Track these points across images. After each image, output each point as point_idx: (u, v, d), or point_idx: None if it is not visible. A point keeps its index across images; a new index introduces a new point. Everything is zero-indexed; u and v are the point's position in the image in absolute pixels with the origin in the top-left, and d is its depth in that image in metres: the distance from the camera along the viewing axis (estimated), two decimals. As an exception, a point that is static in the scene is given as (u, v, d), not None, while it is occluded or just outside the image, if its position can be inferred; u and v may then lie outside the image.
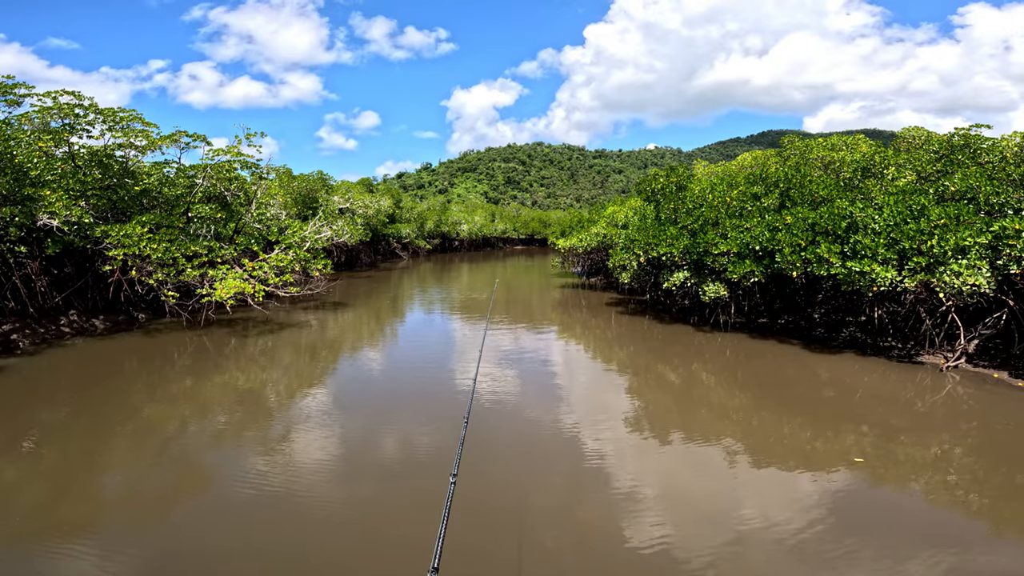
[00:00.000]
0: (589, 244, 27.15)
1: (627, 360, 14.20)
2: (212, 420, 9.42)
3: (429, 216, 60.49)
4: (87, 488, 6.78)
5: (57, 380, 11.47)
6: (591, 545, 5.68)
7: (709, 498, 6.73)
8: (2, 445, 7.90)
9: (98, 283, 16.78)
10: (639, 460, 7.83)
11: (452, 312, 22.69)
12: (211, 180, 19.90)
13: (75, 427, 8.88)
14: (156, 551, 5.42)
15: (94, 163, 17.64)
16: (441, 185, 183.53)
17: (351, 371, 13.30)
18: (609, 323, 19.05)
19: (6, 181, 13.99)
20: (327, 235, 23.75)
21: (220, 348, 14.65)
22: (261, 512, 6.15)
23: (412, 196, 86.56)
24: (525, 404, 10.21)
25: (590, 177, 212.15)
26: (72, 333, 14.91)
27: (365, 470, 7.37)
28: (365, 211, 38.04)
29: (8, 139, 14.48)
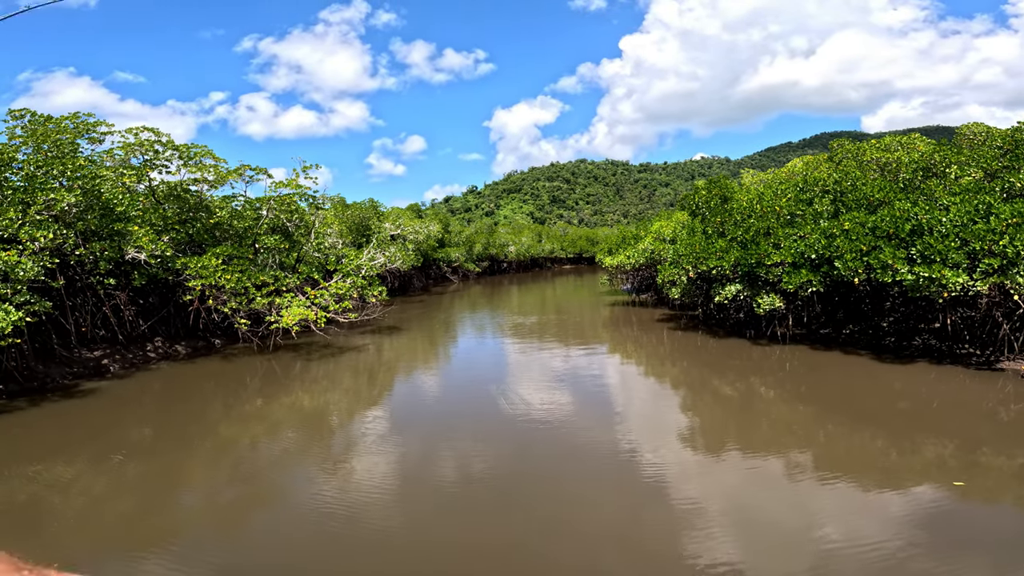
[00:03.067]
0: (637, 261, 26.94)
1: (681, 376, 13.98)
2: (280, 439, 10.01)
3: (477, 239, 61.62)
4: (167, 502, 7.29)
5: (143, 401, 12.51)
6: (658, 571, 5.43)
7: (782, 518, 6.32)
8: (93, 460, 8.70)
9: (179, 312, 18.17)
10: (702, 479, 7.54)
11: (502, 335, 22.97)
12: (274, 212, 21.21)
13: (159, 444, 9.67)
14: (226, 564, 5.71)
15: (172, 197, 19.22)
16: (487, 207, 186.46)
17: (407, 392, 13.78)
18: (661, 339, 18.82)
19: (95, 217, 15.30)
20: (380, 262, 24.69)
21: (287, 371, 15.50)
22: (323, 529, 6.37)
23: (460, 220, 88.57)
24: (580, 425, 10.20)
25: (636, 192, 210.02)
26: (157, 358, 16.23)
27: (420, 491, 7.44)
28: (415, 236, 39.28)
29: (95, 177, 15.64)
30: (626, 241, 30.97)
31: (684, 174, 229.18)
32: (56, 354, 13.64)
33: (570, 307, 32.86)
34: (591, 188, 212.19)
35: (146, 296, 17.37)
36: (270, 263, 20.05)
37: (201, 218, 19.41)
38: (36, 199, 13.58)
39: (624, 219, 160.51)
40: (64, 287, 14.34)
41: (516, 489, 7.36)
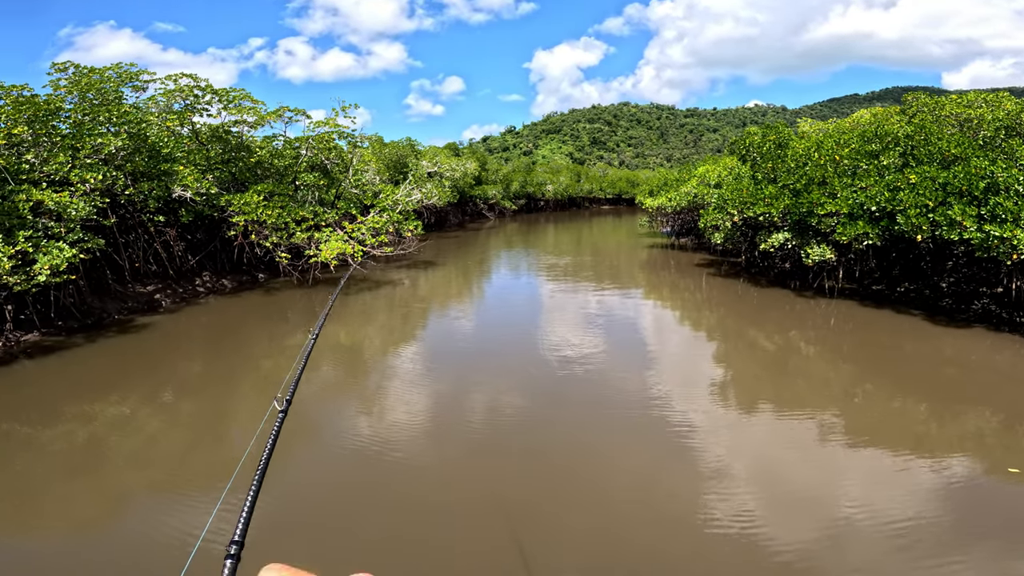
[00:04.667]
0: (679, 204, 25.71)
1: (718, 325, 13.40)
2: (318, 375, 10.16)
3: (514, 177, 60.12)
4: (213, 440, 7.53)
5: (193, 335, 12.94)
6: (669, 525, 5.33)
7: (805, 480, 6.10)
8: (146, 397, 9.01)
9: (225, 247, 18.61)
10: (729, 433, 7.30)
11: (536, 273, 22.62)
12: (313, 150, 21.23)
13: (206, 380, 10.01)
14: (264, 501, 5.91)
15: (215, 139, 19.36)
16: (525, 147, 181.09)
17: (439, 329, 13.76)
18: (699, 285, 18.03)
19: (142, 159, 15.57)
20: (417, 198, 24.43)
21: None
22: (356, 466, 6.50)
23: (497, 159, 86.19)
24: (610, 370, 9.93)
25: (681, 136, 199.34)
26: (205, 292, 16.75)
27: (446, 432, 7.46)
28: (452, 174, 38.49)
29: (141, 122, 15.96)
30: (668, 184, 29.49)
31: (735, 121, 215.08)
32: (111, 290, 14.15)
33: (607, 247, 31.94)
34: (633, 131, 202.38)
35: (194, 232, 17.72)
36: (309, 199, 20.08)
37: (243, 158, 19.47)
38: (84, 144, 13.80)
39: (667, 163, 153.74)
40: (116, 225, 14.71)
41: (539, 434, 7.26)
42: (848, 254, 14.59)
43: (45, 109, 13.40)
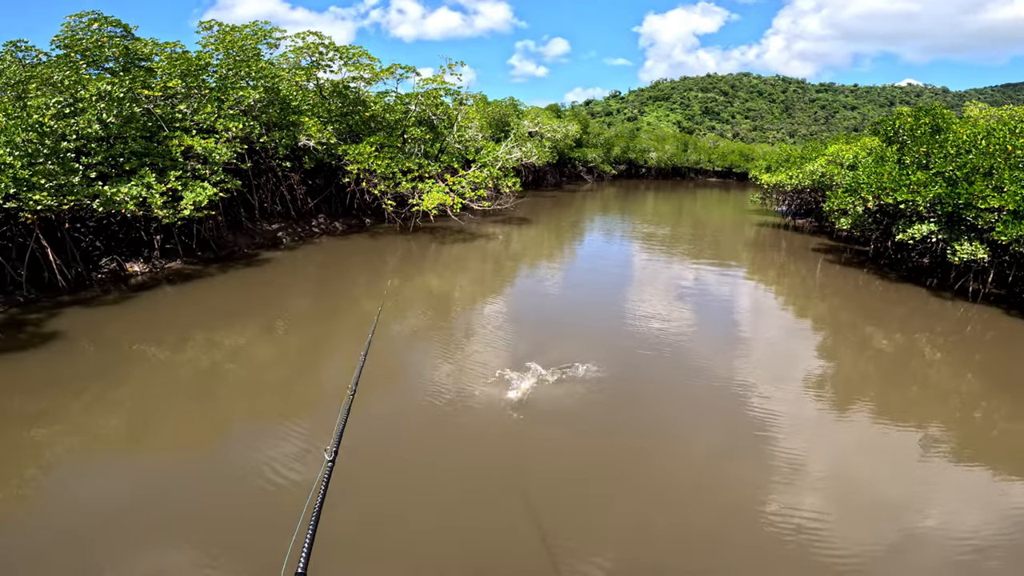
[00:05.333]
0: (801, 182, 23.16)
1: (828, 315, 12.14)
2: (409, 318, 10.67)
3: (616, 142, 57.71)
4: (310, 374, 8.12)
5: (307, 272, 14.08)
6: (727, 518, 5.03)
7: (883, 488, 5.60)
8: (261, 328, 9.94)
9: (339, 192, 20.04)
10: (814, 430, 6.76)
11: (630, 240, 21.82)
12: (421, 106, 21.95)
13: (313, 315, 10.86)
14: (348, 438, 6.25)
15: (335, 94, 20.53)
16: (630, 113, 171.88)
17: (528, 285, 13.83)
18: (812, 271, 16.34)
19: (275, 111, 16.90)
20: (517, 156, 24.33)
21: (423, 251, 16.49)
22: (427, 421, 6.67)
23: (599, 122, 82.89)
24: (696, 349, 9.41)
25: (810, 112, 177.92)
26: (320, 232, 18.19)
27: (524, 390, 7.33)
28: (553, 135, 37.80)
29: (274, 76, 17.25)
30: (791, 160, 26.59)
31: (880, 99, 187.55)
32: (243, 226, 15.78)
33: (710, 221, 29.78)
34: (753, 103, 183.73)
35: (313, 178, 19.18)
36: (415, 152, 20.86)
37: (359, 111, 20.57)
38: (228, 97, 15.23)
39: (790, 138, 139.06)
40: (251, 169, 16.21)
41: (611, 409, 7.05)
42: (1004, 256, 12.42)
43: (196, 64, 14.80)
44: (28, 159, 10.13)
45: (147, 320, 9.75)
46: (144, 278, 12.04)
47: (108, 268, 11.92)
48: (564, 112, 57.38)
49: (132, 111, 12.72)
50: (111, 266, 11.99)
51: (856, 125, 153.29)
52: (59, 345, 8.25)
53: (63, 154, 11.03)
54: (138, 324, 9.47)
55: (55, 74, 12.71)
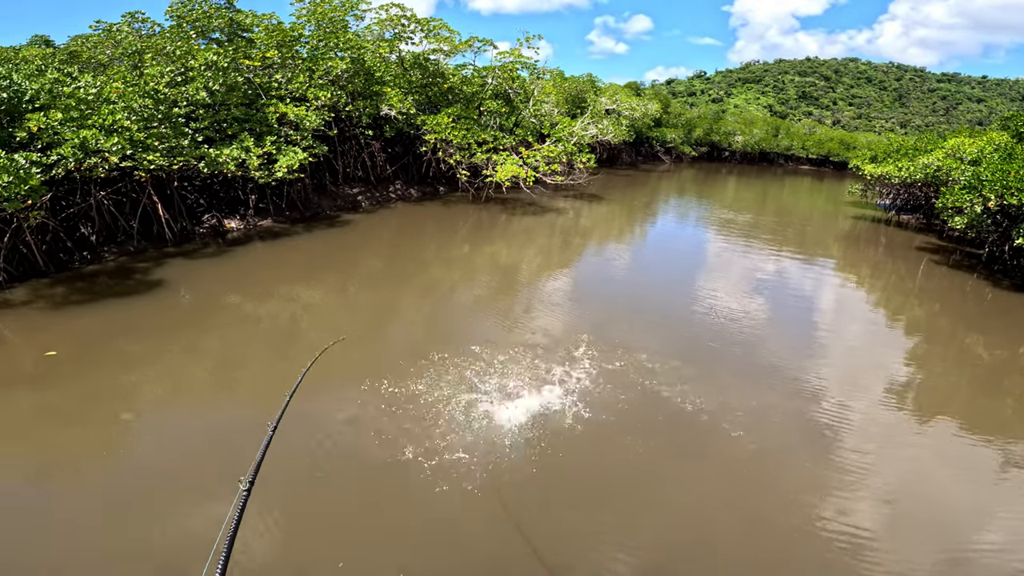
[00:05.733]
0: (911, 175, 20.58)
1: (924, 320, 10.82)
2: (474, 286, 10.66)
3: (699, 123, 54.58)
4: (376, 334, 8.25)
5: (382, 235, 14.50)
6: (780, 523, 4.70)
7: (952, 506, 5.07)
8: (335, 287, 10.30)
9: (415, 161, 20.53)
10: (887, 442, 6.05)
11: (706, 225, 20.55)
12: (498, 79, 21.78)
13: (384, 278, 11.12)
14: (390, 396, 6.33)
15: (416, 66, 20.81)
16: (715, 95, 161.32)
17: (595, 263, 13.41)
18: (913, 271, 14.56)
19: (360, 81, 17.41)
20: (592, 133, 23.67)
21: (493, 221, 16.47)
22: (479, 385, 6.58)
23: (681, 102, 78.61)
24: (767, 345, 8.63)
25: (927, 103, 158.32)
26: (396, 198, 18.75)
27: (576, 373, 7.01)
28: (631, 113, 36.25)
29: (360, 48, 17.69)
30: (902, 151, 23.75)
31: (1012, 93, 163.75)
32: (327, 190, 16.54)
33: (798, 211, 27.20)
34: (859, 90, 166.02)
35: (393, 146, 19.77)
36: (491, 124, 20.88)
37: (437, 83, 20.77)
38: (318, 67, 15.88)
39: (900, 128, 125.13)
40: (336, 136, 16.88)
41: (667, 403, 6.50)
42: None
43: (290, 36, 15.49)
44: (144, 123, 11.06)
45: (239, 273, 10.44)
46: (239, 234, 12.92)
47: (209, 224, 12.92)
48: (644, 90, 54.99)
49: (235, 80, 13.56)
50: (211, 222, 12.98)
51: (981, 119, 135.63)
52: (162, 292, 9.01)
53: (175, 119, 11.96)
54: (231, 276, 10.16)
55: (168, 44, 13.78)
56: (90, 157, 9.93)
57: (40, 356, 6.62)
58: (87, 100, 10.40)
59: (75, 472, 4.83)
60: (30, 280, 9.01)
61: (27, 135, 9.54)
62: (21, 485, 4.66)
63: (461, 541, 4.27)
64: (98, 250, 10.68)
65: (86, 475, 4.79)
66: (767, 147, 63.11)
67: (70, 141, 9.57)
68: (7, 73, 9.90)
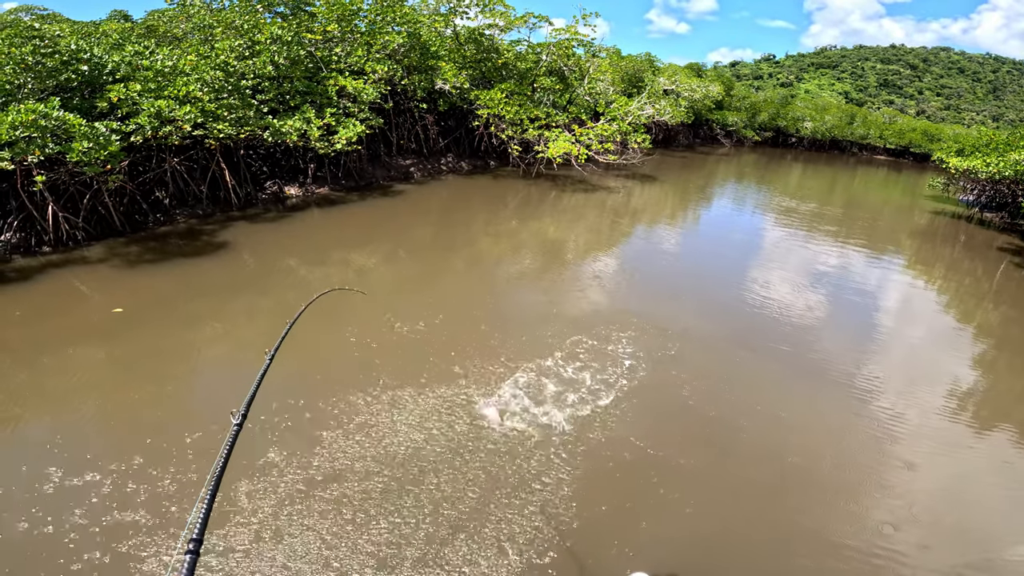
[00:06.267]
0: (1000, 171, 18.64)
1: (997, 325, 9.78)
2: (519, 261, 10.53)
3: (764, 107, 51.30)
4: (419, 300, 8.15)
5: (431, 206, 14.56)
6: (807, 525, 4.42)
7: (989, 511, 4.69)
8: (386, 255, 10.38)
9: (468, 135, 20.49)
10: (936, 449, 5.52)
11: (764, 212, 19.30)
12: (552, 56, 21.35)
13: (433, 247, 11.14)
14: (412, 371, 6.24)
15: (470, 40, 20.60)
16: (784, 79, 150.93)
17: (644, 244, 12.93)
18: (991, 272, 13.17)
19: (415, 55, 17.43)
20: (649, 113, 22.73)
21: (542, 197, 16.20)
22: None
23: (746, 86, 74.16)
24: (821, 336, 8.04)
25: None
26: (447, 171, 18.83)
27: (615, 354, 6.75)
28: (691, 94, 34.50)
29: (416, 22, 17.71)
30: (992, 145, 21.49)
31: None
32: (382, 160, 16.80)
33: (870, 203, 24.91)
34: (949, 80, 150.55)
35: (446, 119, 19.82)
36: (544, 101, 20.47)
37: (492, 58, 20.52)
38: (375, 41, 15.98)
39: (992, 122, 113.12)
40: (392, 109, 17.03)
41: (704, 396, 6.10)
42: None
43: (349, 10, 15.61)
44: (214, 94, 11.52)
45: (297, 237, 10.78)
46: (298, 200, 13.36)
47: (271, 190, 13.43)
48: (706, 72, 52.27)
49: (298, 53, 13.87)
50: (273, 188, 13.49)
51: None
52: (225, 254, 9.40)
53: (243, 91, 12.40)
54: (289, 240, 10.50)
55: (236, 19, 14.25)
56: (165, 125, 10.44)
57: (108, 312, 7.01)
58: (163, 72, 10.92)
59: (132, 420, 5.07)
60: (107, 239, 9.63)
61: (108, 105, 10.14)
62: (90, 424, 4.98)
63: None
64: (170, 212, 11.32)
65: (137, 425, 5.01)
66: (839, 135, 58.60)
67: (147, 111, 10.08)
68: (88, 47, 10.52)
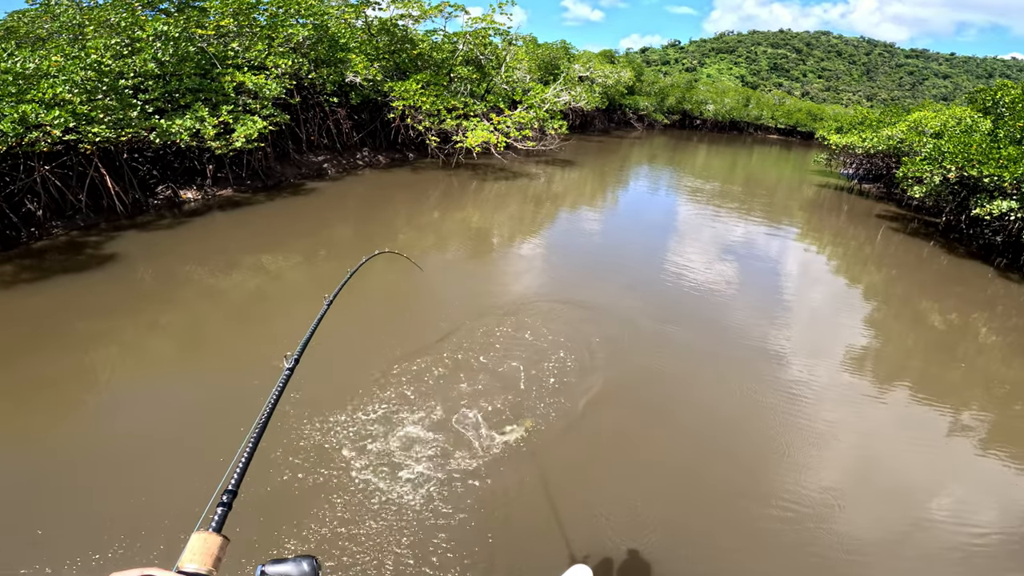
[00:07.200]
0: (875, 146, 20.63)
1: (882, 286, 10.82)
2: (447, 251, 10.18)
3: (671, 92, 53.43)
4: (343, 299, 7.66)
5: (348, 203, 13.77)
6: (728, 480, 4.60)
7: (905, 474, 4.99)
8: (305, 255, 9.65)
9: (384, 127, 19.55)
10: (844, 408, 5.95)
11: (676, 191, 20.21)
12: (469, 45, 20.75)
13: (354, 242, 10.56)
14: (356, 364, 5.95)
15: (383, 31, 19.55)
16: (689, 64, 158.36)
17: (566, 227, 13.05)
18: (872, 238, 14.59)
19: (323, 48, 16.29)
20: (565, 99, 22.82)
21: (464, 188, 15.88)
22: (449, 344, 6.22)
23: (655, 71, 76.91)
24: (732, 305, 8.52)
25: (895, 77, 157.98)
26: (363, 165, 17.92)
27: (546, 331, 6.87)
28: (604, 80, 35.24)
29: (323, 14, 16.52)
30: (867, 123, 23.81)
31: (979, 71, 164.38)
32: (290, 158, 15.62)
33: (766, 179, 26.84)
34: (829, 63, 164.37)
35: (359, 113, 18.75)
36: (462, 91, 19.95)
37: (406, 49, 19.64)
38: (278, 34, 14.75)
39: (867, 102, 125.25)
40: (299, 104, 15.87)
41: (631, 365, 6.31)
42: None
43: (247, 3, 14.23)
44: (87, 95, 10.10)
45: (198, 244, 9.75)
46: (196, 204, 12.11)
47: (163, 195, 12.06)
48: (618, 58, 53.47)
49: (187, 50, 12.55)
50: (166, 193, 12.12)
51: (946, 95, 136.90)
52: (116, 267, 8.32)
53: (121, 91, 11.01)
54: (190, 248, 9.47)
55: (112, 16, 12.58)
56: (31, 131, 9.06)
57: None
58: (25, 75, 9.44)
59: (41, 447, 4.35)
60: (-26, 258, 8.23)
61: (-37, 112, 8.59)
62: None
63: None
64: (46, 225, 9.88)
65: (48, 451, 4.32)
66: (738, 116, 62.43)
67: (9, 116, 8.69)
68: (-63, 47, 8.83)
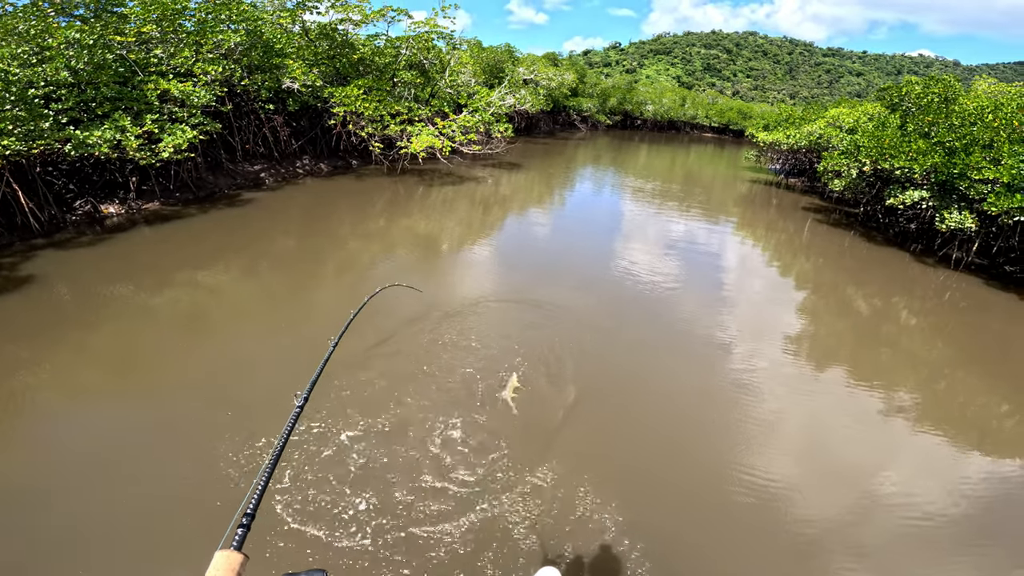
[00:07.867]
0: (797, 142, 22.05)
1: (811, 274, 11.66)
2: (395, 257, 10.08)
3: (613, 93, 54.70)
4: (291, 310, 7.52)
5: (289, 213, 13.15)
6: (691, 473, 4.86)
7: (850, 453, 5.39)
8: (245, 269, 9.20)
9: (325, 134, 18.74)
10: (786, 391, 6.43)
11: (620, 190, 20.81)
12: (412, 50, 20.25)
13: (298, 254, 10.08)
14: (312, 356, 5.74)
15: (322, 36, 18.71)
16: (629, 65, 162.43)
17: (515, 229, 13.18)
18: (800, 229, 15.71)
19: (257, 54, 15.39)
20: (510, 102, 22.77)
21: (410, 194, 15.62)
22: (393, 349, 6.22)
23: (597, 73, 78.14)
24: (678, 299, 9.03)
25: (814, 75, 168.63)
26: (304, 173, 17.13)
27: (498, 330, 6.99)
28: (548, 83, 35.47)
29: (257, 20, 15.54)
30: (790, 120, 25.43)
31: (888, 68, 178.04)
32: (224, 168, 14.71)
33: (702, 176, 28.18)
34: (756, 63, 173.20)
35: (298, 120, 17.87)
36: (406, 96, 19.43)
37: (347, 54, 18.91)
38: (207, 40, 13.82)
39: (790, 100, 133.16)
40: (232, 111, 14.95)
41: (585, 357, 6.67)
42: (991, 227, 11.89)
43: (172, 9, 13.21)
44: (-8, 106, 9.11)
45: (124, 261, 9.02)
46: (120, 219, 11.21)
47: (82, 210, 11.08)
48: (562, 61, 53.97)
49: (104, 57, 11.55)
50: (85, 208, 11.13)
51: (860, 91, 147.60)
52: (33, 288, 7.60)
53: (30, 101, 10.01)
54: (115, 265, 8.77)
55: (20, 24, 11.39)
56: (-70, 145, 8.09)
57: None
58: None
59: None
60: None
61: None
62: None
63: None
64: (-54, 247, 8.86)
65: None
66: (675, 116, 64.85)
67: (-96, 130, 7.68)
68: None
